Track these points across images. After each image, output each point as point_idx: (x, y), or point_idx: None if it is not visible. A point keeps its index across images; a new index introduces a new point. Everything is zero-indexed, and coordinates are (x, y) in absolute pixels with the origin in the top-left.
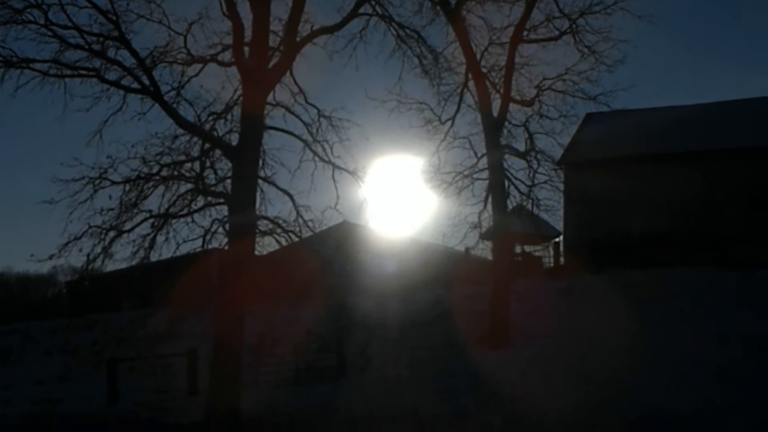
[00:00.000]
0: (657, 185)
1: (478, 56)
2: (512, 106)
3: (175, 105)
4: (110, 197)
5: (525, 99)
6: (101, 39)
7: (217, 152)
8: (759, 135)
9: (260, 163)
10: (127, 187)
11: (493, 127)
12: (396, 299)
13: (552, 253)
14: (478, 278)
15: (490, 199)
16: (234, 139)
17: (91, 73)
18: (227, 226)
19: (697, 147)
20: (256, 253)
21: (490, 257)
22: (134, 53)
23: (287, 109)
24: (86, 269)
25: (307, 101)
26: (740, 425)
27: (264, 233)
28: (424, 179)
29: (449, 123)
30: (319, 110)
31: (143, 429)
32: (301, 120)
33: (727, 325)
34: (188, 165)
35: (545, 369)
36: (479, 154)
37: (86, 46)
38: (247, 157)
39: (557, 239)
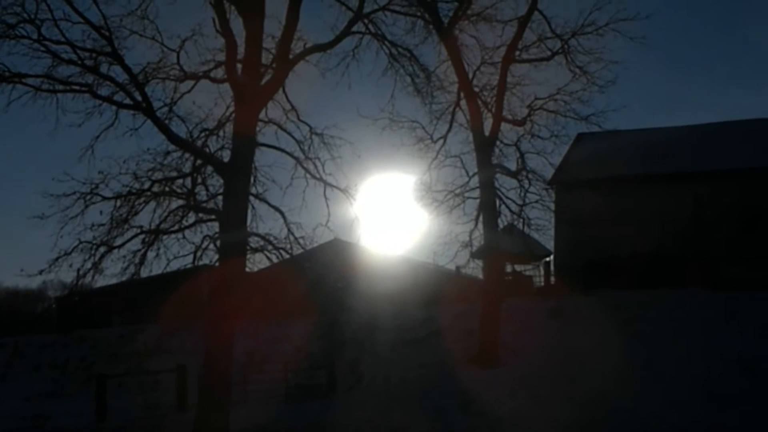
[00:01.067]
0: (647, 206)
1: (471, 75)
2: (504, 126)
3: (167, 121)
4: (101, 212)
5: (517, 118)
6: (94, 54)
7: (209, 169)
8: (749, 156)
9: (252, 179)
10: (119, 203)
11: (485, 146)
12: (387, 317)
13: (542, 272)
14: (468, 297)
15: (481, 217)
16: (226, 155)
17: (83, 89)
18: (218, 243)
19: (688, 168)
20: (247, 270)
21: (480, 276)
22: (127, 69)
23: (279, 126)
24: (76, 284)
25: (299, 118)
26: None
27: (255, 250)
28: (416, 197)
29: (441, 141)
30: (311, 127)
31: None
32: (293, 137)
33: (716, 346)
34: (180, 181)
35: (534, 388)
36: (471, 173)
37: (79, 62)
38: (238, 173)
39: (548, 259)
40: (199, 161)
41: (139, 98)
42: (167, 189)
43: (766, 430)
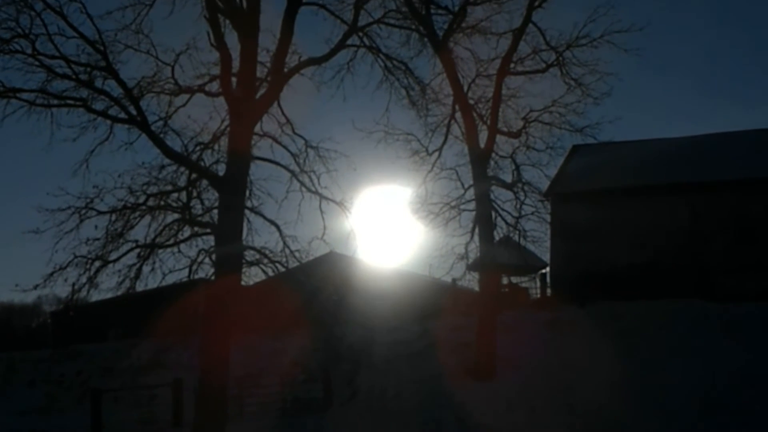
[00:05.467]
0: (643, 217)
1: (465, 88)
2: (499, 138)
3: (162, 135)
4: (96, 227)
5: (512, 131)
6: (88, 69)
7: (204, 182)
8: (745, 167)
9: (247, 193)
10: (114, 217)
11: (480, 159)
12: (383, 330)
13: (539, 284)
14: (464, 309)
15: (477, 230)
16: (221, 169)
17: (78, 103)
18: (214, 257)
19: (683, 179)
20: (243, 283)
21: (477, 288)
22: (121, 83)
23: (274, 139)
24: (71, 299)
25: (294, 132)
26: None
27: (251, 264)
28: (411, 210)
29: (436, 154)
30: (306, 141)
31: None
32: (288, 150)
33: (713, 357)
34: (175, 195)
35: (531, 401)
36: (466, 185)
37: (73, 76)
38: (233, 187)
39: (544, 270)
40: (194, 175)
41: (134, 112)
42: (162, 203)
43: None
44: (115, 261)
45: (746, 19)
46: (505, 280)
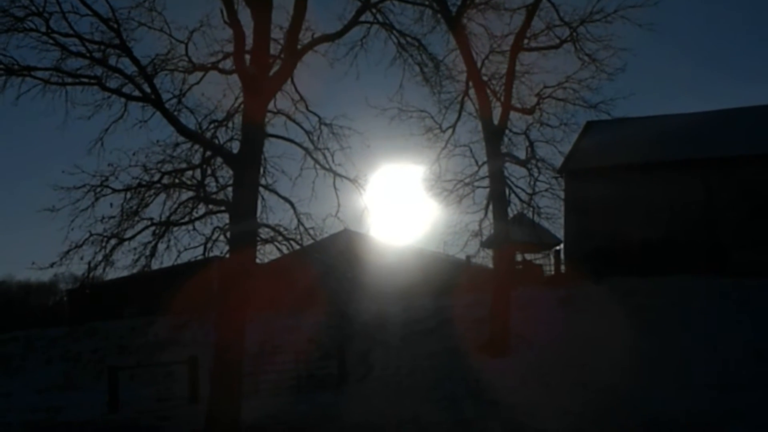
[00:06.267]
0: (657, 193)
1: (479, 64)
2: (513, 114)
3: (176, 113)
4: (111, 205)
5: (525, 107)
6: (102, 47)
7: (218, 160)
8: (758, 143)
9: (261, 170)
10: (129, 195)
11: (494, 135)
12: (397, 307)
13: (552, 261)
14: (478, 286)
15: (490, 207)
16: (235, 146)
17: (92, 81)
18: (228, 234)
19: (697, 155)
20: (258, 261)
21: (490, 265)
22: (135, 61)
23: (288, 116)
24: (87, 277)
25: (308, 109)
26: None
27: (265, 241)
28: (425, 187)
29: (450, 131)
30: (320, 118)
31: None
32: (302, 128)
33: (727, 332)
34: (189, 173)
35: (545, 377)
36: (480, 162)
37: (87, 54)
38: (248, 164)
39: (558, 247)
40: (208, 153)
41: (148, 90)
42: (177, 181)
43: None
44: (130, 239)
45: None
46: (519, 257)
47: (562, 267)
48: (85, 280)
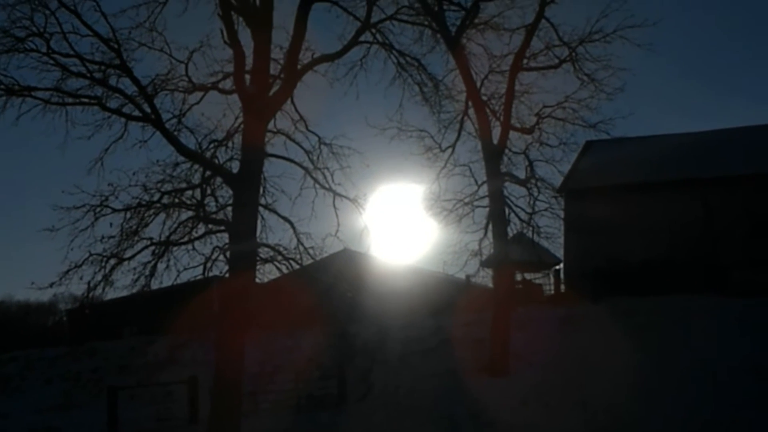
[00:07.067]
0: (657, 212)
1: (479, 84)
2: (512, 134)
3: (176, 132)
4: (111, 225)
5: (525, 126)
6: (103, 67)
7: (218, 180)
8: (758, 162)
9: (261, 190)
10: (128, 215)
11: (494, 155)
12: (397, 327)
13: (552, 280)
14: (478, 306)
15: (490, 226)
16: (235, 166)
17: (92, 101)
18: (228, 254)
19: (697, 174)
20: (257, 280)
21: (490, 285)
22: (136, 81)
23: (288, 136)
24: (87, 297)
25: (307, 129)
26: None
27: (265, 261)
28: (425, 207)
29: (449, 151)
30: (319, 138)
31: None
32: (301, 147)
33: (728, 352)
34: (189, 192)
35: (545, 397)
36: (479, 182)
37: (88, 74)
38: (247, 184)
39: (558, 267)
40: (208, 172)
41: (148, 110)
42: (177, 200)
43: None
44: (130, 259)
45: (760, 13)
46: (518, 277)
47: (562, 286)
48: (85, 300)
